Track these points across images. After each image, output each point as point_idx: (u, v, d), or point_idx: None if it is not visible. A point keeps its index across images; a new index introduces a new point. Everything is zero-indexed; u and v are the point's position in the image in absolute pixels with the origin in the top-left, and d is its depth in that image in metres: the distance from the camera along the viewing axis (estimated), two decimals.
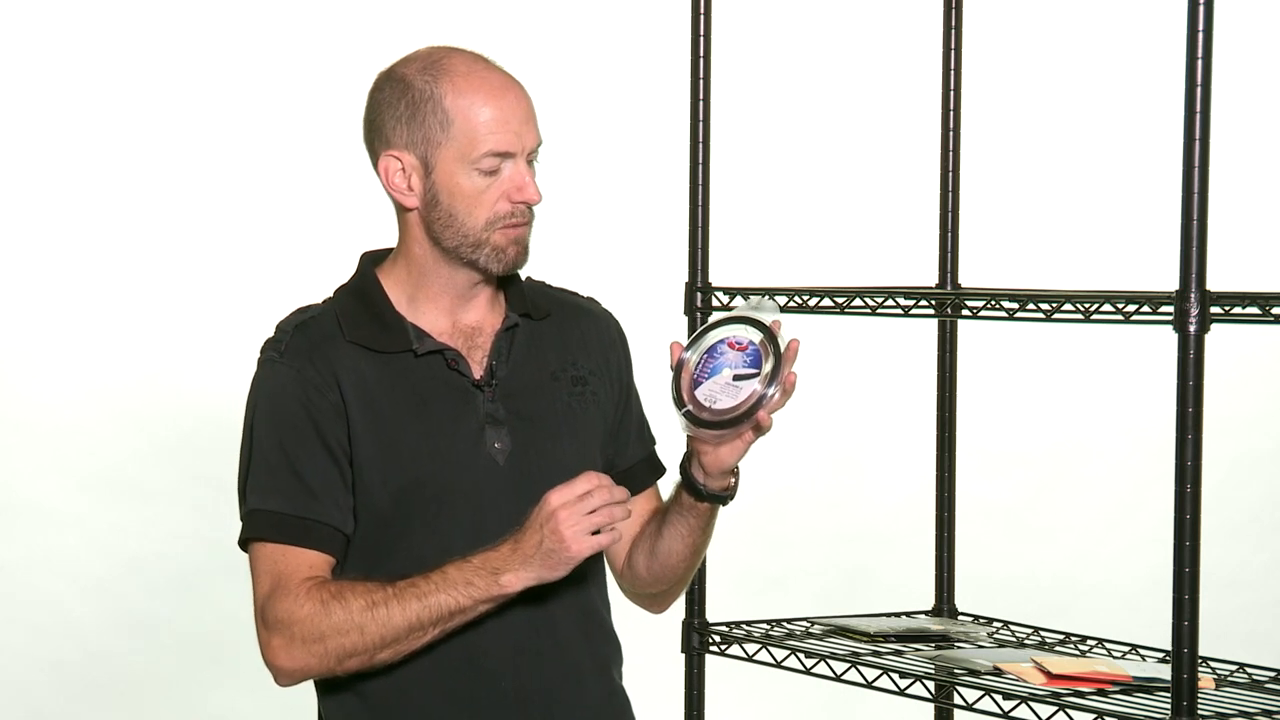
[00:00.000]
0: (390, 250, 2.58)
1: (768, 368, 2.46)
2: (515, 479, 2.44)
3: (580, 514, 2.34)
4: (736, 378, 2.46)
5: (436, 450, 2.47)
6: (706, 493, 2.52)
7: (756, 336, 2.48)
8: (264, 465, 2.48)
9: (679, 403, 2.48)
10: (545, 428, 2.51)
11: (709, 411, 2.46)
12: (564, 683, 2.53)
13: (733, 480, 2.54)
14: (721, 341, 2.50)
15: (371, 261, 2.59)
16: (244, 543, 2.49)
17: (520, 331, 2.56)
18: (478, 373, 2.51)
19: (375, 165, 2.52)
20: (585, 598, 2.56)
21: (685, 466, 2.53)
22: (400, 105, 2.48)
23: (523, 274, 2.65)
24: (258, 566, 2.47)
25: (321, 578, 2.43)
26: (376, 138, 2.51)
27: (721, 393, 2.46)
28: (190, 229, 5.27)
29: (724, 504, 2.56)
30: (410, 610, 2.38)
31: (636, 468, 2.64)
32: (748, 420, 2.45)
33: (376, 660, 2.41)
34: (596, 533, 2.36)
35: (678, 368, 2.50)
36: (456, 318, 2.54)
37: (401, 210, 2.52)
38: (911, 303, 2.74)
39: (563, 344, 2.59)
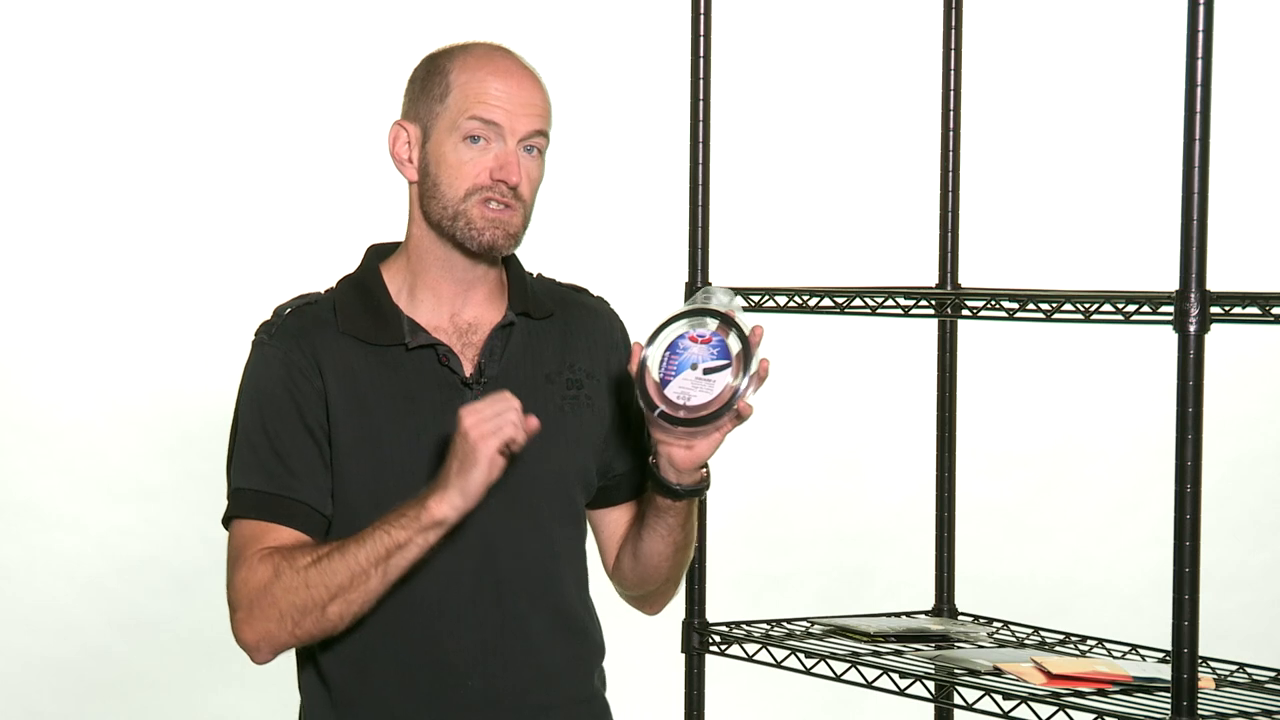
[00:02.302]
0: (397, 244, 2.60)
1: (736, 356, 2.43)
2: (498, 479, 2.40)
3: (484, 417, 2.33)
4: (706, 371, 2.43)
5: (419, 444, 2.47)
6: (683, 490, 2.50)
7: (716, 326, 2.45)
8: (247, 444, 2.49)
9: (650, 405, 2.44)
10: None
11: (685, 409, 2.42)
12: (534, 684, 2.52)
13: (705, 471, 2.52)
14: (682, 337, 2.45)
15: (376, 255, 2.60)
16: (226, 521, 2.51)
17: (517, 330, 2.55)
18: (469, 369, 2.51)
19: None
20: (560, 599, 2.55)
21: (654, 469, 2.51)
22: (419, 81, 2.53)
23: (533, 270, 2.65)
24: (231, 543, 2.49)
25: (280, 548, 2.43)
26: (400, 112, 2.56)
27: (694, 388, 2.42)
28: (191, 229, 5.27)
29: (700, 496, 2.55)
30: (349, 555, 2.38)
31: (634, 471, 2.63)
32: (727, 412, 2.43)
33: (327, 615, 2.40)
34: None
35: (640, 369, 2.45)
36: (454, 312, 2.54)
37: (409, 186, 2.54)
38: (911, 303, 2.74)
39: (563, 345, 2.59)
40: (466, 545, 2.45)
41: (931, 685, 2.59)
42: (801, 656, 2.79)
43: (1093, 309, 2.44)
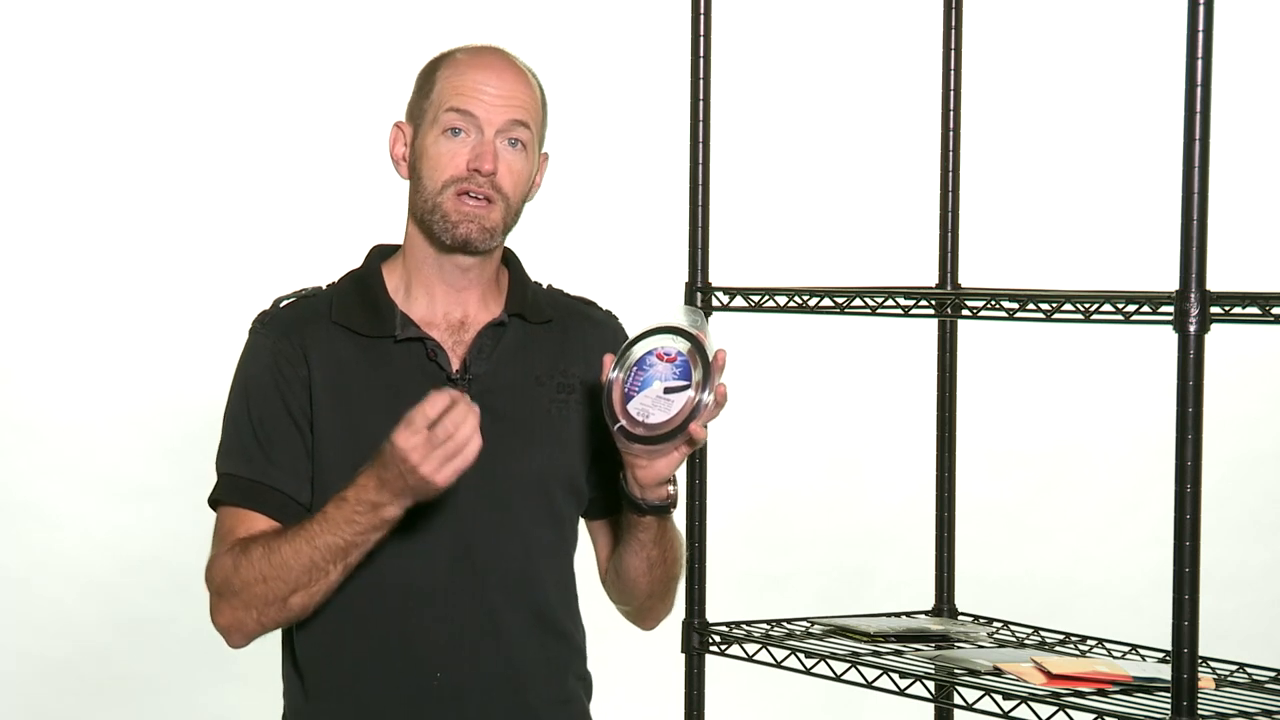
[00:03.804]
0: (399, 246, 2.61)
1: (697, 379, 2.43)
2: (477, 476, 2.41)
3: (430, 450, 2.31)
4: (667, 390, 2.43)
5: None
6: (646, 506, 2.51)
7: (685, 347, 2.45)
8: (234, 430, 2.53)
9: (612, 419, 2.45)
10: (518, 430, 2.49)
11: (643, 426, 2.43)
12: (504, 683, 2.52)
13: (671, 489, 2.52)
14: (650, 353, 2.46)
15: (379, 255, 2.63)
16: (212, 504, 2.54)
17: (509, 331, 2.56)
18: (456, 365, 2.52)
19: None
20: (539, 600, 2.55)
21: (623, 483, 2.52)
22: (416, 82, 2.57)
23: (545, 281, 2.66)
24: (215, 527, 2.52)
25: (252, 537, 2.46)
26: None
27: (653, 406, 2.43)
28: (191, 229, 5.27)
29: (666, 514, 2.55)
30: (302, 554, 2.40)
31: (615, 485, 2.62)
32: (681, 434, 2.43)
33: (291, 606, 2.43)
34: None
35: (609, 382, 2.46)
36: (447, 310, 2.55)
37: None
38: (911, 303, 2.74)
39: (559, 351, 2.59)
40: (442, 540, 2.46)
41: (931, 685, 2.59)
42: (801, 656, 2.79)
43: (1093, 309, 2.44)
